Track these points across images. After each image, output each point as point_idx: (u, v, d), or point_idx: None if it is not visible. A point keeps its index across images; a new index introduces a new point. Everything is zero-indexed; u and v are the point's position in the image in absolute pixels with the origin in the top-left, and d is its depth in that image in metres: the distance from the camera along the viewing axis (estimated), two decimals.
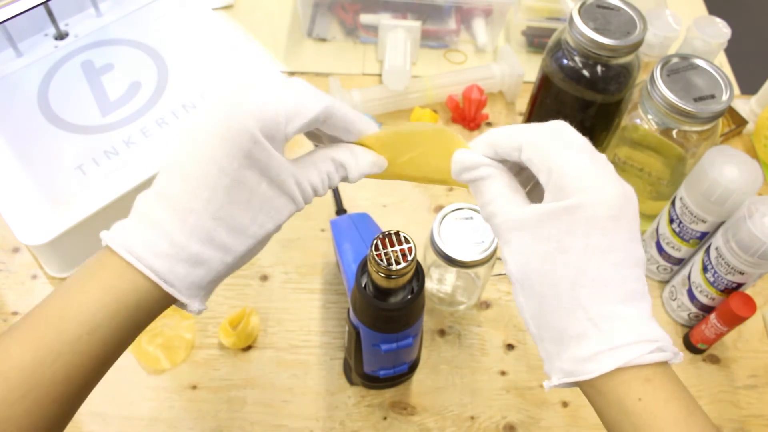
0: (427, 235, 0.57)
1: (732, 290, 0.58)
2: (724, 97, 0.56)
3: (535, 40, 0.87)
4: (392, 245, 0.41)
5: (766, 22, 1.77)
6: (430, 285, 0.65)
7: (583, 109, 0.65)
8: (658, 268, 0.66)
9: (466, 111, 0.77)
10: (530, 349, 0.63)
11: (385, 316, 0.45)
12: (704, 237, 0.60)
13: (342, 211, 0.70)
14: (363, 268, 0.46)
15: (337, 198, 0.71)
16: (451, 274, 0.64)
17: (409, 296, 0.45)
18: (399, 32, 0.80)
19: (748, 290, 0.60)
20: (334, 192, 0.72)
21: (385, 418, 0.58)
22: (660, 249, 0.64)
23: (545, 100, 0.68)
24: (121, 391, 0.59)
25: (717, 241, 0.57)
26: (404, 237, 0.41)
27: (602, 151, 0.69)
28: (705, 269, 0.59)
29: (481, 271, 0.60)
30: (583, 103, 0.65)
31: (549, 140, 0.33)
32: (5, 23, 0.65)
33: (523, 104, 0.82)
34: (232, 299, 0.64)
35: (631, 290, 0.32)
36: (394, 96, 0.78)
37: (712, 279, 0.58)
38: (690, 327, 0.64)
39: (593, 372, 0.31)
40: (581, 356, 0.31)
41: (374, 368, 0.54)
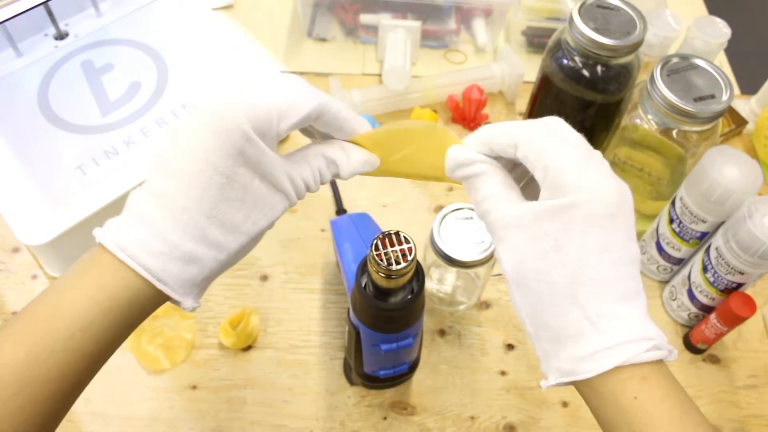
0: (427, 235, 0.57)
1: (732, 290, 0.58)
2: (724, 97, 0.56)
3: (535, 40, 0.87)
4: (392, 245, 0.41)
5: (766, 22, 1.77)
6: (430, 285, 0.65)
7: (583, 109, 0.65)
8: (658, 268, 0.66)
9: (466, 111, 0.77)
10: (530, 349, 0.63)
11: (385, 316, 0.45)
12: (704, 237, 0.60)
13: (342, 211, 0.70)
14: (363, 268, 0.46)
15: (337, 198, 0.71)
16: (451, 274, 0.64)
17: (409, 296, 0.45)
18: (399, 32, 0.80)
19: (748, 290, 0.60)
20: (334, 192, 0.72)
21: (385, 418, 0.58)
22: (660, 249, 0.64)
23: (545, 100, 0.68)
24: (121, 391, 0.59)
25: (717, 241, 0.57)
26: (404, 237, 0.41)
27: (602, 151, 0.69)
28: (705, 269, 0.59)
29: (481, 271, 0.60)
30: (583, 103, 0.65)
31: (545, 137, 0.33)
32: (5, 23, 0.65)
33: (523, 104, 0.82)
34: (232, 299, 0.64)
35: (628, 289, 0.32)
36: (394, 96, 0.78)
37: (712, 279, 0.58)
38: (690, 327, 0.64)
39: (592, 371, 0.31)
40: (579, 355, 0.31)
41: (374, 368, 0.54)
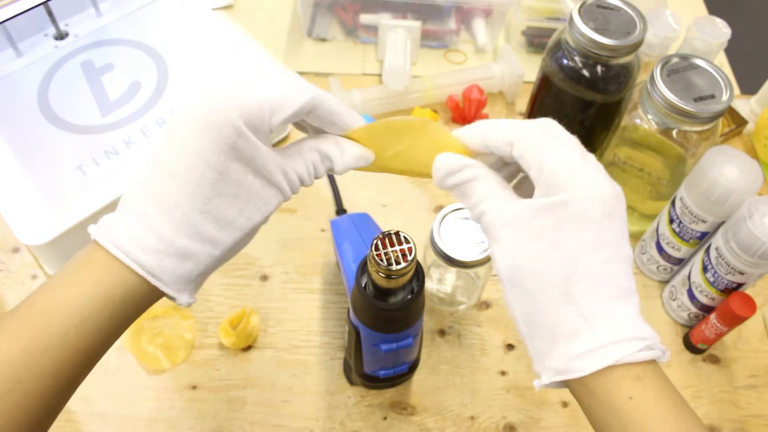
0: (427, 235, 0.57)
1: (732, 290, 0.58)
2: (724, 97, 0.56)
3: (535, 40, 0.87)
4: (392, 245, 0.41)
5: (766, 22, 1.77)
6: (430, 285, 0.65)
7: (583, 109, 0.65)
8: (658, 268, 0.66)
9: (466, 111, 0.77)
10: None
11: (385, 316, 0.45)
12: (704, 237, 0.60)
13: (342, 211, 0.70)
14: (363, 268, 0.46)
15: (337, 198, 0.71)
16: (451, 274, 0.64)
17: (409, 296, 0.45)
18: (399, 32, 0.80)
19: (748, 290, 0.60)
20: (334, 192, 0.72)
21: (385, 418, 0.58)
22: (660, 249, 0.64)
23: (545, 100, 0.68)
24: (121, 391, 0.59)
25: (717, 241, 0.57)
26: (404, 237, 0.41)
27: (602, 151, 0.69)
28: (705, 269, 0.59)
29: (481, 271, 0.60)
30: (583, 103, 0.65)
31: (541, 137, 0.33)
32: (5, 23, 0.65)
33: (523, 104, 0.82)
34: (232, 299, 0.64)
35: (622, 287, 0.32)
36: (394, 96, 0.77)
37: (712, 279, 0.58)
38: (690, 327, 0.64)
39: (585, 370, 0.31)
40: (573, 353, 0.31)
41: (374, 368, 0.54)
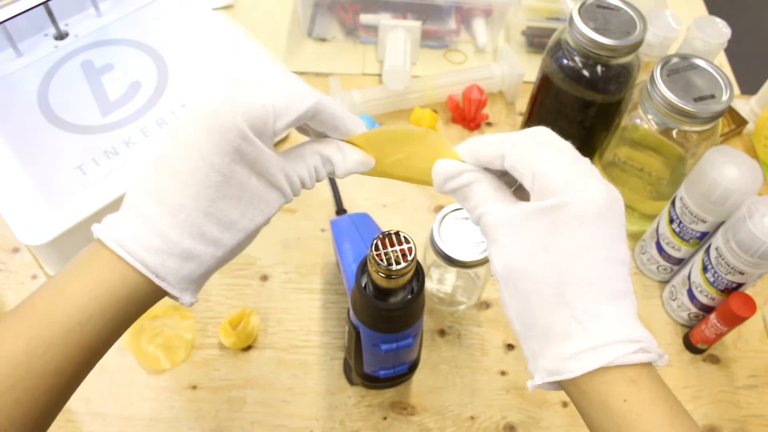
0: (427, 235, 0.57)
1: (732, 290, 0.58)
2: (724, 97, 0.56)
3: (535, 40, 0.87)
4: (392, 245, 0.41)
5: (766, 22, 1.77)
6: (430, 285, 0.65)
7: (583, 109, 0.65)
8: (658, 268, 0.66)
9: (466, 111, 0.77)
10: None
11: (385, 316, 0.45)
12: (704, 237, 0.60)
13: (342, 211, 0.70)
14: (363, 268, 0.46)
15: (337, 198, 0.71)
16: (451, 274, 0.64)
17: (409, 296, 0.45)
18: (399, 32, 0.80)
19: (748, 290, 0.60)
20: (334, 192, 0.72)
21: (385, 418, 0.58)
22: (660, 249, 0.64)
23: (545, 100, 0.68)
24: (121, 391, 0.59)
25: (717, 241, 0.57)
26: (404, 237, 0.41)
27: (602, 151, 0.69)
28: (705, 269, 0.59)
29: (481, 271, 0.60)
30: (583, 103, 0.65)
31: (531, 146, 0.34)
32: (5, 23, 0.65)
33: (523, 104, 0.82)
34: (232, 299, 0.64)
35: (616, 289, 0.32)
36: (394, 96, 0.77)
37: (712, 279, 0.58)
38: (690, 327, 0.64)
39: (577, 370, 0.31)
40: (565, 354, 0.31)
41: (374, 368, 0.54)
